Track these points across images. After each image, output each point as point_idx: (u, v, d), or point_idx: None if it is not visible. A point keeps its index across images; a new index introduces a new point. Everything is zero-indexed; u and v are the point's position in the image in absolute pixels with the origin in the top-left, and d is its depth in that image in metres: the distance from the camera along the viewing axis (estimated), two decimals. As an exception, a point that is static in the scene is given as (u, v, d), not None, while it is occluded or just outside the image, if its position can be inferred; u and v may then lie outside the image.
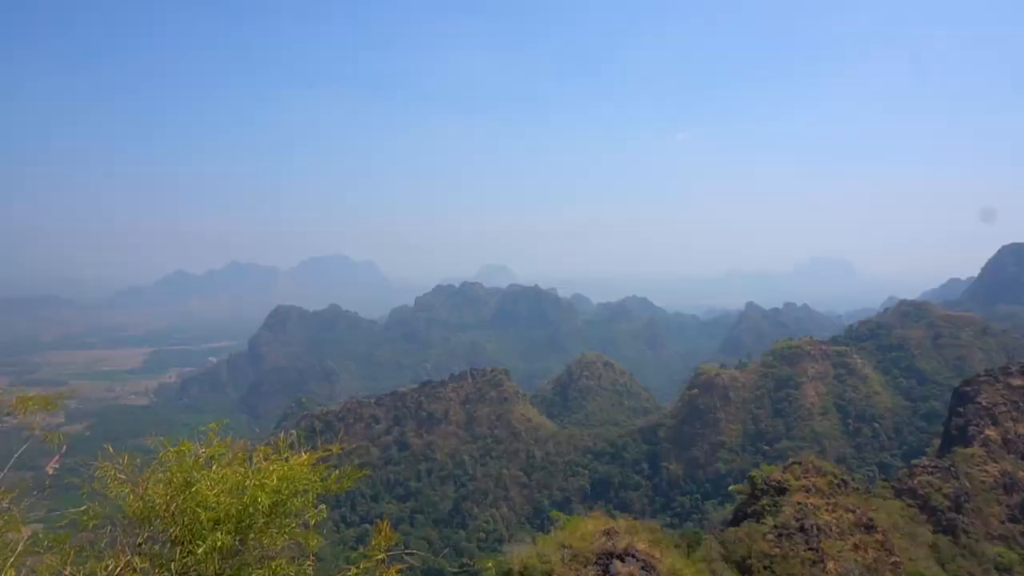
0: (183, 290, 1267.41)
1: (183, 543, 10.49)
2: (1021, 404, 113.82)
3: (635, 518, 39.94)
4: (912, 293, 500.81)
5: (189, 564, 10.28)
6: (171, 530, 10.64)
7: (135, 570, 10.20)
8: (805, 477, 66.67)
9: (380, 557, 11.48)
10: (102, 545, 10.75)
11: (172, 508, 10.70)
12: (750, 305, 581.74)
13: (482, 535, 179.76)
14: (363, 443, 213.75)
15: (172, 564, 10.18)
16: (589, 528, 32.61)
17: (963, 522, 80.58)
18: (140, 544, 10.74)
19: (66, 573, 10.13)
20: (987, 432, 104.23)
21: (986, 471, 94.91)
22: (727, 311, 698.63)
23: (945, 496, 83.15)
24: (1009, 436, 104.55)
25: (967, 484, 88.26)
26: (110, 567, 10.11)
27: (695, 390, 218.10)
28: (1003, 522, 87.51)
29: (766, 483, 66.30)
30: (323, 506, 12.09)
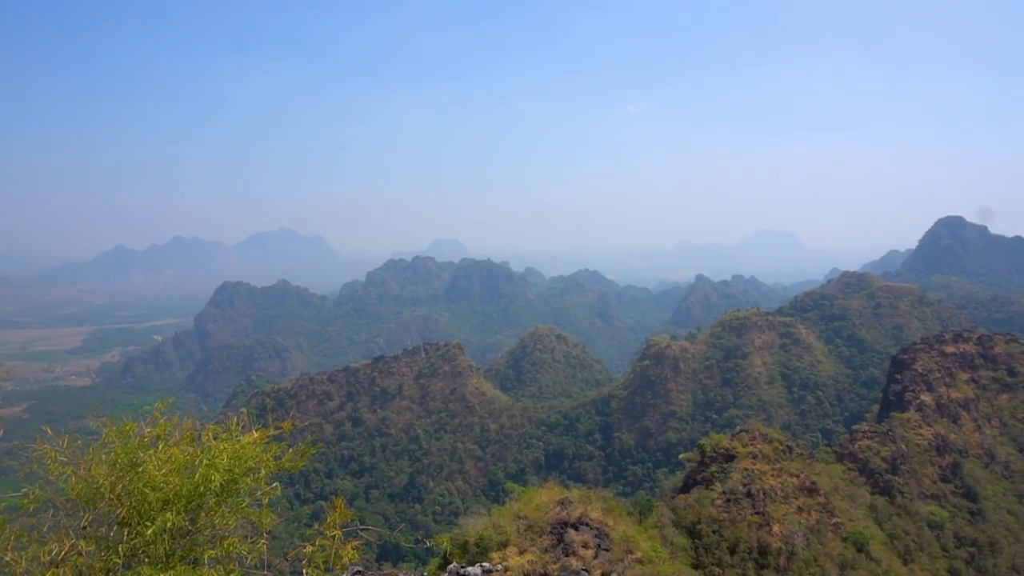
0: (123, 266, 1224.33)
1: (131, 524, 10.24)
2: (954, 370, 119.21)
3: (588, 488, 40.57)
4: (854, 264, 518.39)
5: (138, 546, 10.05)
6: (118, 512, 10.37)
7: (80, 554, 9.92)
8: (752, 444, 68.76)
9: (335, 533, 11.39)
10: (44, 530, 10.42)
11: (118, 489, 10.42)
12: (700, 277, 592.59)
13: (438, 508, 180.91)
14: (316, 420, 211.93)
15: (120, 546, 9.93)
16: (543, 499, 33.00)
17: (899, 483, 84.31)
18: (85, 527, 10.44)
19: (7, 559, 9.79)
20: (922, 397, 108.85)
21: (921, 434, 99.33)
22: (677, 283, 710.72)
23: (883, 459, 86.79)
24: (942, 401, 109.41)
25: (903, 447, 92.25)
26: (54, 551, 9.82)
27: (646, 361, 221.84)
28: (935, 482, 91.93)
29: (715, 451, 68.16)
30: (276, 484, 11.92)
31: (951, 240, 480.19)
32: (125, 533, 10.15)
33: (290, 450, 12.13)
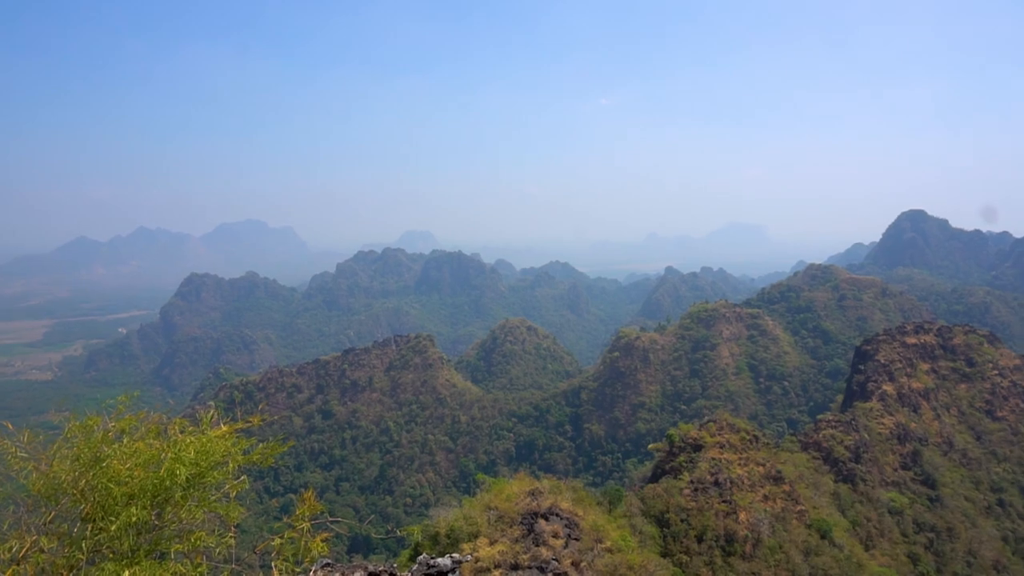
0: (86, 257, 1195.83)
1: (94, 520, 10.09)
2: (915, 361, 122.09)
3: (559, 478, 40.83)
4: (820, 257, 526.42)
5: (102, 541, 9.92)
6: (81, 507, 10.22)
7: (42, 550, 9.77)
8: (720, 434, 69.78)
9: (304, 526, 11.35)
10: (5, 527, 10.23)
11: (81, 485, 10.26)
12: (669, 269, 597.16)
13: (409, 500, 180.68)
14: (285, 413, 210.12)
15: (83, 542, 9.79)
16: (514, 490, 33.16)
17: (861, 471, 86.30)
18: (47, 523, 10.27)
19: (-35, 557, 9.60)
20: (884, 387, 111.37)
21: (883, 423, 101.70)
22: (647, 275, 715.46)
23: (846, 448, 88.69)
24: (903, 391, 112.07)
25: (866, 436, 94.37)
26: (14, 548, 9.66)
27: (616, 353, 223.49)
28: (896, 469, 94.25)
29: (683, 441, 69.06)
30: (244, 477, 11.83)
31: (913, 233, 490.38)
32: (89, 529, 10.01)
33: (260, 445, 12.04)
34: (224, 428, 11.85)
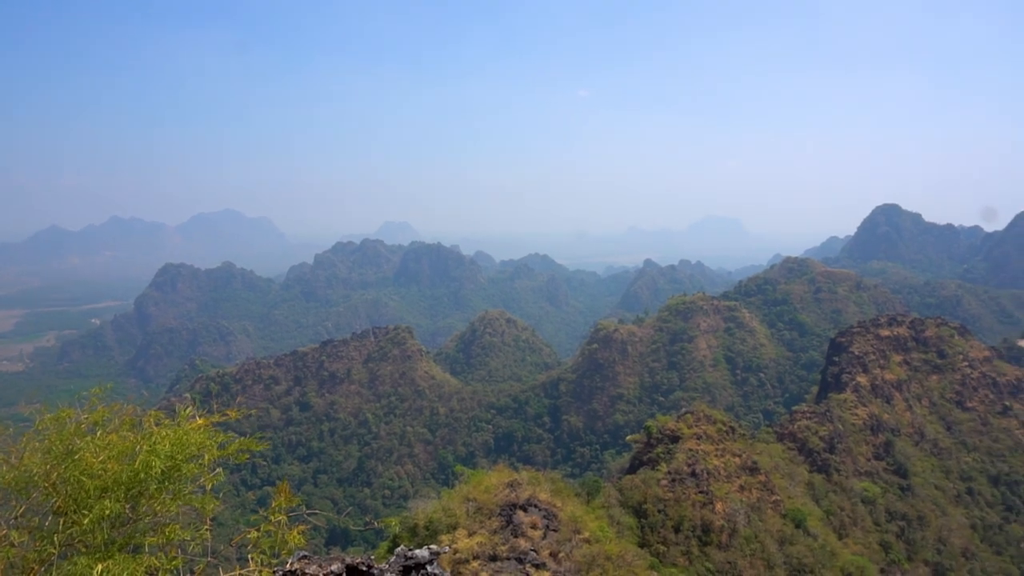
0: (59, 247, 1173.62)
1: (67, 513, 9.94)
2: (888, 353, 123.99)
3: (537, 470, 41.00)
4: (796, 250, 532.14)
5: (74, 535, 9.78)
6: (53, 501, 10.06)
7: (12, 544, 9.61)
8: (697, 425, 70.43)
9: (281, 518, 11.27)
10: (-26, 521, 10.04)
11: (53, 477, 10.11)
12: (647, 262, 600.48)
13: (387, 492, 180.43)
14: (262, 405, 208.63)
15: (55, 536, 9.65)
16: (493, 481, 33.26)
17: (835, 461, 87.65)
18: (18, 517, 10.11)
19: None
20: (858, 379, 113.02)
21: (856, 414, 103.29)
22: (626, 268, 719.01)
23: (821, 439, 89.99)
24: (877, 382, 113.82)
25: (840, 427, 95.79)
26: (-16, 542, 9.49)
27: (595, 345, 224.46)
28: (869, 460, 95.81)
29: (661, 432, 69.61)
30: (220, 470, 11.71)
31: (887, 227, 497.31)
32: (61, 522, 9.86)
33: (237, 439, 11.93)
34: (200, 421, 11.72)
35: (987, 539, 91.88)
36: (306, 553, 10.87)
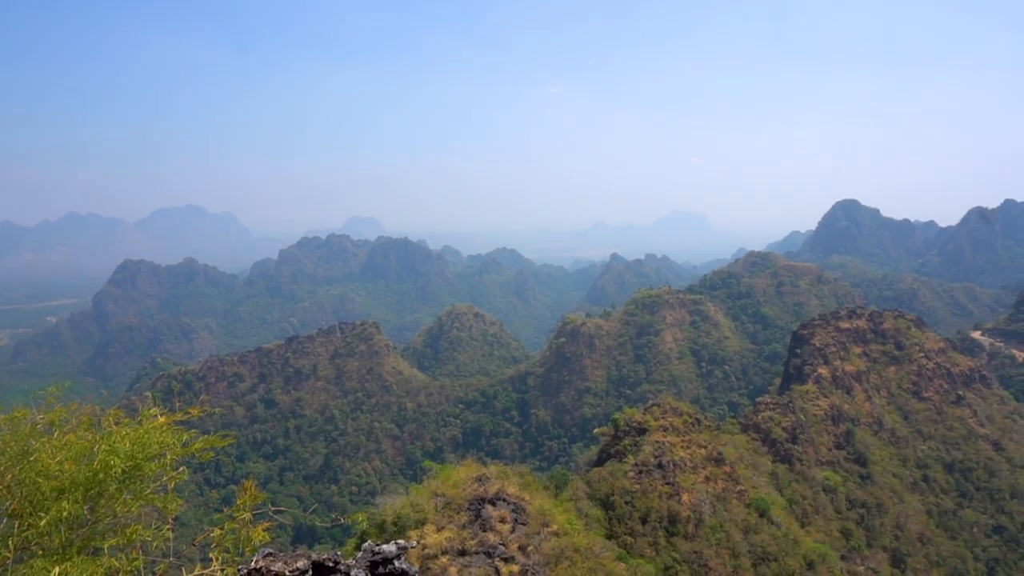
0: (12, 243, 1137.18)
1: (23, 516, 9.70)
2: (848, 344, 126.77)
3: (506, 464, 41.11)
4: (759, 245, 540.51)
5: (30, 538, 9.55)
6: (7, 503, 9.81)
7: (-34, 549, 9.34)
8: (663, 418, 71.20)
9: (245, 516, 11.12)
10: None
11: (8, 479, 9.86)
12: (614, 256, 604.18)
13: (354, 489, 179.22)
14: (226, 402, 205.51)
15: (10, 540, 9.41)
16: (461, 476, 33.27)
17: (798, 451, 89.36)
18: (-30, 520, 9.82)
19: None
20: (819, 370, 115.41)
21: (818, 405, 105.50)
22: (593, 262, 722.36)
23: (783, 429, 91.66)
24: (837, 373, 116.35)
25: (802, 418, 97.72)
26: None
27: (562, 339, 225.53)
28: (830, 449, 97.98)
29: (628, 425, 70.21)
30: (183, 468, 11.52)
31: (847, 222, 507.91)
32: (16, 525, 9.62)
33: (201, 437, 11.73)
34: (162, 419, 11.51)
35: (942, 524, 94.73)
36: (271, 550, 10.74)
